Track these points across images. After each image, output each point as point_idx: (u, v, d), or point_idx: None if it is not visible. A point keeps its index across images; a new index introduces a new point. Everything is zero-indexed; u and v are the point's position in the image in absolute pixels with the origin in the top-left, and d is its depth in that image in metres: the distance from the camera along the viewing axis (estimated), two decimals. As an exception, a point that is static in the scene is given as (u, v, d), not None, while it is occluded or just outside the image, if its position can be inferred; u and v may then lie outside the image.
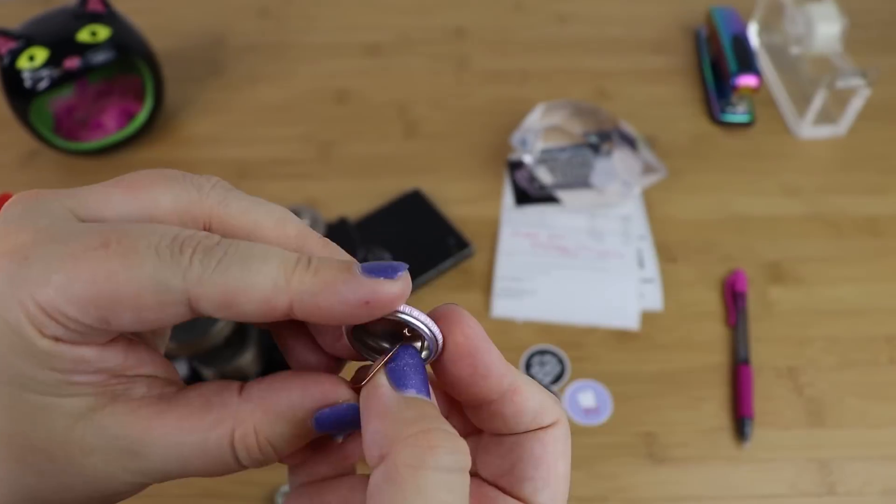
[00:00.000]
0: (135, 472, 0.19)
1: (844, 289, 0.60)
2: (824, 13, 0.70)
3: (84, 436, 0.18)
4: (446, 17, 0.87)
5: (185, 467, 0.19)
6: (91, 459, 0.18)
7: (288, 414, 0.19)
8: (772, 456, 0.51)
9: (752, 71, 0.71)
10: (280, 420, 0.19)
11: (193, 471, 0.19)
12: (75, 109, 0.73)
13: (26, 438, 0.18)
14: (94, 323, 0.17)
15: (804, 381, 0.55)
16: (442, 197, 0.67)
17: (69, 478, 0.18)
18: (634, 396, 0.54)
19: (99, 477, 0.19)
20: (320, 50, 0.84)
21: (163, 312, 0.17)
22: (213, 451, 0.19)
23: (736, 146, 0.72)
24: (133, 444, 0.18)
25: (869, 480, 0.50)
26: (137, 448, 0.18)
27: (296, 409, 0.19)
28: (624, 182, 0.65)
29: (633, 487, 0.50)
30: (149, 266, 0.17)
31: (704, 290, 0.60)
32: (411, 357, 0.19)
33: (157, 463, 0.19)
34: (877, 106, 0.71)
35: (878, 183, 0.68)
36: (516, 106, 0.74)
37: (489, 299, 0.60)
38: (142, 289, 0.16)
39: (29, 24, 0.66)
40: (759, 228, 0.65)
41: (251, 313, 0.17)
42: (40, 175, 0.71)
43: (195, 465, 0.19)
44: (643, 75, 0.80)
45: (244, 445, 0.19)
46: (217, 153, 0.73)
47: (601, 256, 0.63)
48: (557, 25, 0.86)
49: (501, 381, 0.20)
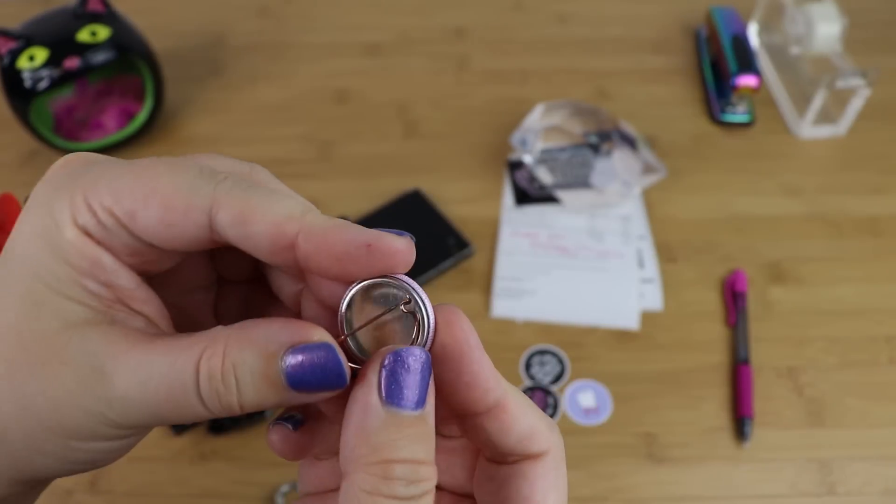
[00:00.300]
0: (98, 399, 0.18)
1: (844, 289, 0.60)
2: (824, 13, 0.70)
3: (68, 343, 0.18)
4: (446, 17, 0.87)
5: (146, 394, 0.18)
6: (63, 371, 0.18)
7: (261, 342, 0.18)
8: (772, 456, 0.51)
9: (752, 71, 0.71)
10: (251, 347, 0.18)
11: (153, 401, 0.18)
12: (75, 109, 0.73)
13: (20, 333, 0.18)
14: (123, 216, 0.18)
15: (804, 381, 0.55)
16: (442, 197, 0.67)
17: (37, 389, 0.18)
18: (634, 396, 0.54)
19: (61, 402, 0.18)
20: (320, 50, 0.84)
21: (186, 217, 0.18)
22: (178, 373, 0.18)
23: (736, 146, 0.72)
24: (105, 363, 0.18)
25: (869, 480, 0.50)
26: (108, 368, 0.18)
27: (269, 340, 0.18)
28: (624, 182, 0.65)
29: (633, 487, 0.50)
30: (189, 174, 0.19)
31: (704, 290, 0.60)
32: (412, 358, 0.18)
33: (121, 386, 0.18)
34: (877, 106, 0.71)
35: (878, 183, 0.68)
36: (516, 106, 0.74)
37: (489, 299, 0.60)
38: (176, 188, 0.18)
39: (29, 24, 0.66)
40: (759, 228, 0.65)
41: (261, 235, 0.18)
42: (40, 175, 0.70)
43: (156, 392, 0.18)
44: (643, 75, 0.80)
45: (208, 367, 0.18)
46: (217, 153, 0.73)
47: (601, 256, 0.63)
48: (557, 25, 0.86)
49: (487, 395, 0.20)
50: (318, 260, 0.18)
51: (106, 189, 0.18)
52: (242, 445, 0.52)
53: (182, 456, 0.52)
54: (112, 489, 0.50)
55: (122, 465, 0.51)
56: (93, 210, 0.18)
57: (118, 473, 0.51)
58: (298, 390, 0.18)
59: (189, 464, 0.51)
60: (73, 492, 0.50)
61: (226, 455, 0.52)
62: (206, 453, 0.52)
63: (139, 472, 0.51)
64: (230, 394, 0.18)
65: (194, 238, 0.19)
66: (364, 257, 0.18)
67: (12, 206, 0.42)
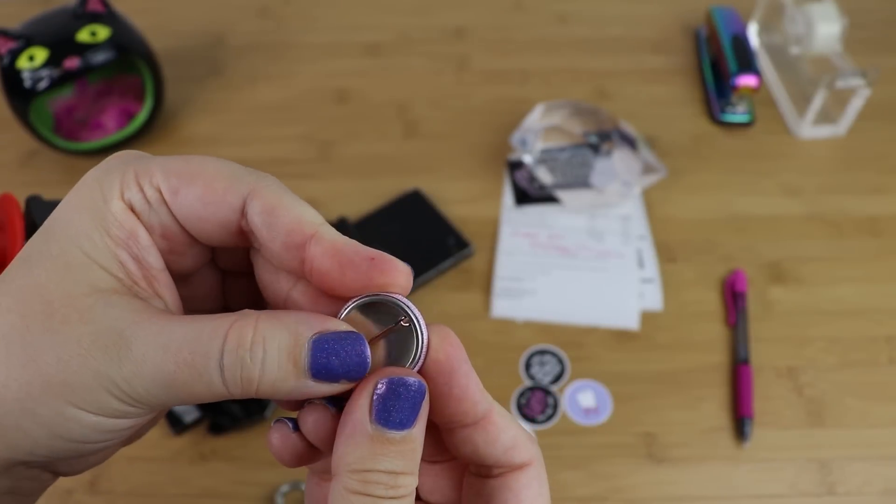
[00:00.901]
0: (111, 360, 0.18)
1: (844, 289, 0.60)
2: (824, 13, 0.70)
3: (93, 306, 0.19)
4: (446, 17, 0.87)
5: (164, 358, 0.18)
6: (82, 329, 0.19)
7: (291, 324, 0.19)
8: (772, 456, 0.51)
9: (752, 71, 0.71)
10: (282, 325, 0.19)
11: (169, 369, 0.18)
12: (75, 109, 0.73)
13: (46, 291, 0.19)
14: (167, 191, 0.20)
15: (804, 381, 0.55)
16: (442, 197, 0.67)
17: (50, 343, 0.19)
18: (634, 396, 0.54)
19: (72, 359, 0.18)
20: (320, 50, 0.84)
21: (223, 199, 0.20)
22: (205, 339, 0.18)
23: (736, 146, 0.72)
24: (126, 328, 0.19)
25: (869, 480, 0.50)
26: (128, 332, 0.19)
27: (300, 322, 0.19)
28: (624, 182, 0.65)
29: (633, 487, 0.50)
30: (234, 166, 0.21)
31: (704, 290, 0.60)
32: (403, 387, 0.19)
33: (139, 349, 0.18)
34: (877, 106, 0.71)
35: (878, 183, 0.68)
36: (516, 106, 0.74)
37: (489, 299, 0.60)
38: (220, 173, 0.21)
39: (29, 24, 0.66)
40: (759, 228, 0.65)
41: (282, 227, 0.20)
42: (40, 175, 0.71)
43: (175, 356, 0.18)
44: (643, 75, 0.80)
45: (238, 336, 0.19)
46: (217, 153, 0.72)
47: (601, 256, 0.63)
48: (557, 25, 0.86)
49: (476, 407, 0.21)
50: (323, 262, 0.20)
51: (158, 168, 0.20)
52: (242, 445, 0.52)
53: (182, 456, 0.52)
54: (112, 489, 0.50)
55: (123, 466, 0.51)
56: (140, 186, 0.20)
57: (118, 473, 0.51)
58: (318, 378, 0.19)
59: (189, 464, 0.51)
60: (73, 491, 0.50)
61: (226, 455, 0.52)
62: (205, 453, 0.52)
63: (139, 472, 0.51)
64: (254, 366, 0.19)
65: (225, 220, 0.21)
66: (365, 268, 0.20)
67: (12, 206, 0.42)
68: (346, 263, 0.20)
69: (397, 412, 0.19)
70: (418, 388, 0.20)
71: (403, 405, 0.19)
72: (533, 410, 0.54)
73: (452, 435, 0.22)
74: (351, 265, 0.20)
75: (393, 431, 0.19)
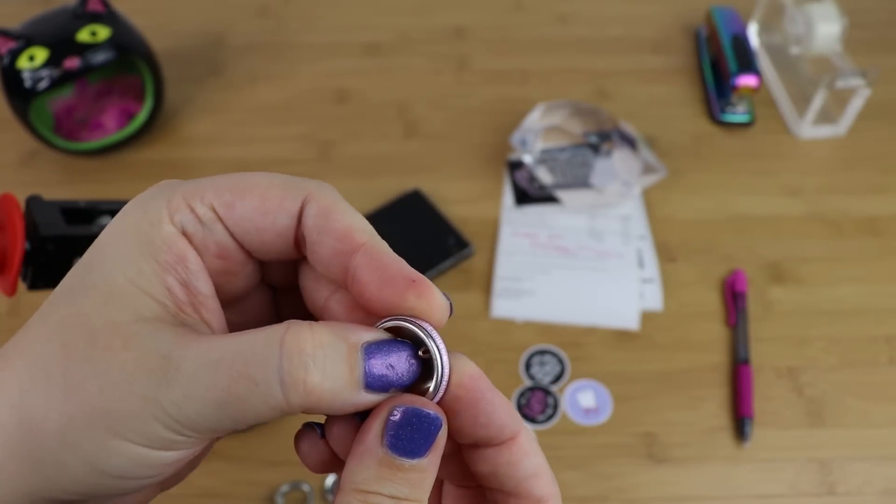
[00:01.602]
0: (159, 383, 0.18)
1: (844, 289, 0.60)
2: (824, 13, 0.70)
3: (137, 333, 0.18)
4: (446, 17, 0.87)
5: (217, 375, 0.18)
6: (126, 356, 0.18)
7: (342, 333, 0.19)
8: (772, 456, 0.51)
9: (752, 71, 0.71)
10: (335, 334, 0.19)
11: (222, 385, 0.18)
12: (75, 109, 0.73)
13: (89, 320, 0.19)
14: (221, 206, 0.20)
15: (804, 381, 0.55)
16: (442, 197, 0.67)
17: (93, 371, 0.18)
18: (634, 396, 0.54)
19: (116, 385, 0.18)
20: (320, 50, 0.84)
21: (280, 206, 0.20)
22: (261, 348, 0.18)
23: (736, 146, 0.72)
24: (173, 351, 0.18)
25: (869, 480, 0.50)
26: (175, 355, 0.18)
27: (350, 331, 0.19)
28: (624, 182, 0.65)
29: (633, 487, 0.50)
30: (283, 177, 0.21)
31: (704, 290, 0.60)
32: (417, 418, 0.19)
33: (188, 369, 0.18)
34: (877, 106, 0.71)
35: (878, 183, 0.68)
36: (516, 106, 0.74)
37: (489, 299, 0.60)
38: (272, 183, 0.20)
39: (29, 24, 0.66)
40: (759, 228, 0.65)
41: (335, 232, 0.20)
42: (40, 175, 0.71)
43: (229, 370, 0.18)
44: (643, 75, 0.80)
45: (297, 341, 0.18)
46: (217, 153, 0.73)
47: (601, 256, 0.63)
48: (557, 25, 0.86)
49: (503, 431, 0.21)
50: (365, 273, 0.20)
51: (208, 185, 0.20)
52: (242, 445, 0.52)
53: (182, 456, 0.52)
54: (112, 489, 0.50)
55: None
56: (191, 206, 0.20)
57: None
58: (371, 385, 0.19)
59: (189, 464, 0.51)
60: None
61: (226, 455, 0.52)
62: (206, 453, 0.52)
63: (139, 472, 0.51)
64: (318, 370, 0.18)
65: (283, 228, 0.20)
66: (403, 288, 0.20)
67: (12, 206, 0.42)
68: (386, 279, 0.20)
69: (410, 441, 0.19)
70: (434, 420, 0.19)
71: (416, 436, 0.19)
72: (533, 410, 0.54)
73: (474, 451, 0.22)
74: (391, 282, 0.20)
75: (402, 460, 0.19)
